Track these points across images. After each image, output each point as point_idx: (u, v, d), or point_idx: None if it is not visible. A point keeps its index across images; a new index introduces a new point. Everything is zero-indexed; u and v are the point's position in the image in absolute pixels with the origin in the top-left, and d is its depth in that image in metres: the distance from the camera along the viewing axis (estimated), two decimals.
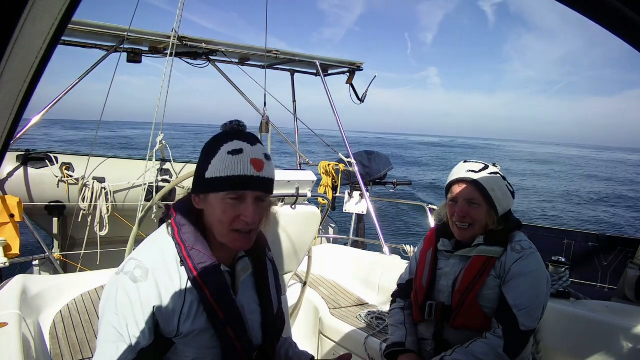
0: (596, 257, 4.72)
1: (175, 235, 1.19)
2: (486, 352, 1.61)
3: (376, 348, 2.39)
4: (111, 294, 1.14)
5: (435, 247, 1.88)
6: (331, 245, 4.35)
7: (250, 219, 1.15)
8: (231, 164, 1.14)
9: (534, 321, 1.64)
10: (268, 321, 1.32)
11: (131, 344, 1.10)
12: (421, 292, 1.84)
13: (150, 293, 1.13)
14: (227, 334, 1.18)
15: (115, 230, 4.60)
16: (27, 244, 4.02)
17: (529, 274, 1.66)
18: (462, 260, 1.78)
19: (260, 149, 1.19)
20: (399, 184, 5.85)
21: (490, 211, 1.73)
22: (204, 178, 1.17)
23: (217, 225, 1.18)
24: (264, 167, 1.17)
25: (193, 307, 1.17)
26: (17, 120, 0.57)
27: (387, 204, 9.63)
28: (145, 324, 1.12)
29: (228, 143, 1.17)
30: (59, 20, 0.50)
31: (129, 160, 5.12)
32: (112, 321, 1.11)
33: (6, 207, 3.19)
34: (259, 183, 1.16)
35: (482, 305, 1.70)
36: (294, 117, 5.91)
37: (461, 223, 1.74)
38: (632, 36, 0.63)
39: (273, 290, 1.37)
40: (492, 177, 1.74)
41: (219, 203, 1.16)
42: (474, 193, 1.72)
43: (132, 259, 1.18)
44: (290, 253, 2.30)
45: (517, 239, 1.74)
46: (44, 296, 2.47)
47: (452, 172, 1.83)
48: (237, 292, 1.26)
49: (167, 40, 4.08)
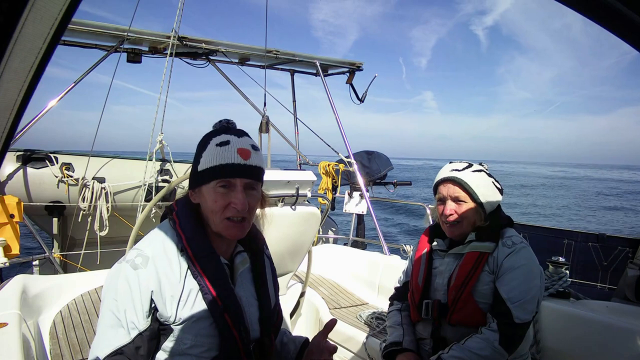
0: (596, 257, 4.72)
1: (177, 227, 1.24)
2: (482, 347, 1.63)
3: (376, 348, 2.39)
4: (112, 281, 1.19)
5: (430, 247, 1.92)
6: (331, 245, 4.35)
7: (240, 206, 1.20)
8: (218, 154, 1.20)
9: (528, 314, 1.65)
10: (266, 315, 1.34)
11: (128, 328, 1.15)
12: (417, 291, 1.87)
13: (150, 279, 1.17)
14: (224, 321, 1.21)
15: (115, 230, 4.60)
16: (27, 244, 4.02)
17: (521, 267, 1.69)
18: (457, 258, 1.81)
19: (247, 140, 1.25)
20: (399, 184, 5.85)
21: (477, 208, 1.78)
22: (197, 172, 1.23)
23: (211, 216, 1.23)
24: (250, 156, 1.22)
25: (192, 294, 1.20)
26: (17, 120, 0.57)
27: (387, 204, 9.64)
28: (143, 310, 1.16)
29: (216, 137, 1.24)
30: (59, 20, 0.50)
31: (129, 160, 5.12)
32: (111, 306, 1.17)
33: (6, 208, 3.19)
34: (246, 170, 1.21)
35: (477, 300, 1.72)
36: (294, 117, 5.91)
37: (450, 221, 1.79)
38: (632, 36, 0.63)
39: (270, 286, 1.41)
40: (475, 175, 1.79)
41: (210, 193, 1.21)
42: (459, 191, 1.77)
43: (134, 249, 1.24)
44: (290, 253, 2.30)
45: (508, 234, 1.78)
46: (44, 296, 2.47)
47: (438, 173, 1.88)
48: (235, 285, 1.29)
49: (167, 40, 4.09)
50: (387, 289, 3.17)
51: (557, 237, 4.95)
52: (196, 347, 1.20)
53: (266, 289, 1.37)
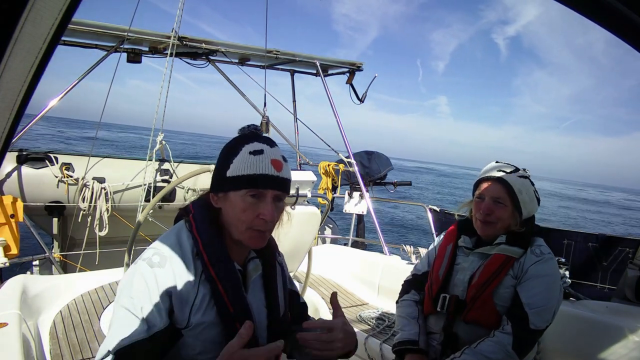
0: (596, 257, 4.72)
1: (193, 230, 1.22)
2: (495, 351, 1.62)
3: (376, 348, 2.39)
4: (128, 279, 1.16)
5: (456, 242, 1.91)
6: (331, 245, 4.35)
7: (270, 218, 1.19)
8: (253, 163, 1.18)
9: (544, 322, 1.65)
10: (274, 323, 1.33)
11: (146, 325, 1.11)
12: (436, 283, 1.85)
13: (167, 279, 1.15)
14: (235, 329, 1.18)
15: (115, 230, 4.60)
16: (27, 244, 4.02)
17: (546, 276, 1.69)
18: (481, 257, 1.81)
19: (278, 151, 1.24)
20: (398, 184, 5.85)
21: (515, 212, 1.76)
22: (225, 177, 1.20)
23: (236, 223, 1.20)
24: (282, 168, 1.21)
25: (205, 300, 1.19)
26: (17, 120, 0.57)
27: (387, 204, 9.64)
28: (162, 306, 1.13)
29: (249, 144, 1.21)
30: (59, 21, 0.50)
31: (129, 160, 5.11)
32: (126, 304, 1.12)
33: (6, 207, 3.19)
34: (278, 182, 1.20)
35: (496, 302, 1.71)
36: (294, 117, 5.91)
37: (485, 219, 1.77)
38: (632, 36, 0.63)
39: (280, 293, 1.39)
40: (521, 180, 1.77)
41: (239, 201, 1.19)
42: (501, 192, 1.75)
43: (151, 248, 1.21)
44: (291, 253, 2.30)
45: (537, 243, 1.78)
46: (44, 296, 2.47)
47: (483, 169, 1.86)
48: (247, 292, 1.28)
49: (167, 40, 4.09)
50: (387, 289, 3.18)
51: (557, 237, 4.94)
52: (204, 354, 1.19)
53: (276, 297, 1.36)
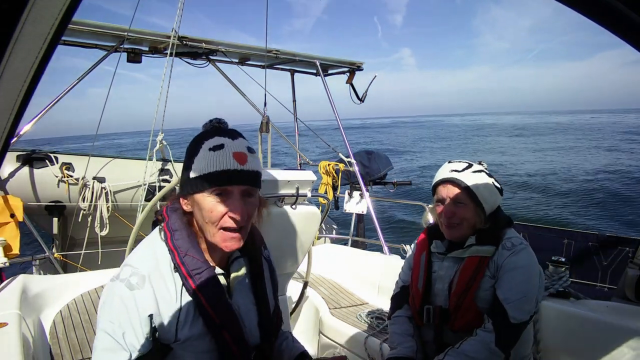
0: (596, 257, 4.71)
1: (168, 241, 1.17)
2: (478, 350, 1.61)
3: (376, 348, 2.39)
4: (107, 302, 1.12)
5: (429, 249, 1.88)
6: (331, 245, 4.34)
7: (239, 215, 1.12)
8: (213, 159, 1.11)
9: (524, 314, 1.63)
10: (265, 320, 1.31)
11: (129, 352, 1.09)
12: (417, 296, 1.84)
13: (148, 300, 1.11)
14: (223, 338, 1.17)
15: (116, 230, 4.60)
16: (27, 244, 4.02)
17: (520, 268, 1.66)
18: (456, 261, 1.78)
19: (242, 142, 1.16)
20: (398, 184, 5.85)
21: (477, 209, 1.74)
22: (189, 179, 1.15)
23: (206, 226, 1.15)
24: (247, 160, 1.13)
25: (190, 313, 1.15)
26: (17, 120, 0.57)
27: (387, 204, 9.62)
28: (143, 332, 1.10)
29: (209, 140, 1.14)
30: (59, 21, 0.50)
31: (129, 160, 5.12)
32: (107, 329, 1.09)
33: (7, 207, 3.19)
34: (243, 176, 1.13)
35: (479, 306, 1.69)
36: (294, 117, 5.91)
37: (449, 223, 1.75)
38: (632, 36, 0.63)
39: (269, 290, 1.36)
40: (476, 176, 1.75)
41: (205, 202, 1.13)
42: (459, 192, 1.73)
43: (127, 265, 1.16)
44: (290, 253, 2.30)
45: (508, 235, 1.75)
46: (44, 296, 2.47)
47: (437, 173, 1.84)
48: (233, 294, 1.25)
49: (167, 40, 4.08)
50: (387, 289, 3.17)
51: (557, 237, 4.94)
52: None
53: (265, 293, 1.33)
